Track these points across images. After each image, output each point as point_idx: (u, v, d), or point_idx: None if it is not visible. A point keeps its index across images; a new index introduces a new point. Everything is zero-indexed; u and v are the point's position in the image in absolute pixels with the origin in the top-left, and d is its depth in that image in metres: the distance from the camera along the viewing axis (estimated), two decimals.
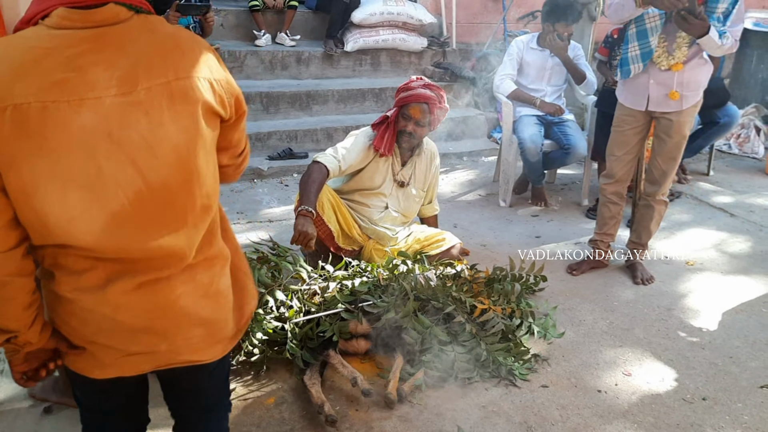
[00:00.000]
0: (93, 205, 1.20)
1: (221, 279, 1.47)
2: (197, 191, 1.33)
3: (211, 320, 1.46)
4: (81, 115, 1.15)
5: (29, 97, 1.12)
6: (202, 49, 1.34)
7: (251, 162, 5.23)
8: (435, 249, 3.50)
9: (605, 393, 2.71)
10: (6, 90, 1.12)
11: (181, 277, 1.38)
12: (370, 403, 2.56)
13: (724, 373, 2.88)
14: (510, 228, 4.50)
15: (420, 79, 3.41)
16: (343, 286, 2.97)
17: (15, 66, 1.14)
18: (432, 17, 6.73)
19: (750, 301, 3.53)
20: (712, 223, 4.66)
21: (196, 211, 1.35)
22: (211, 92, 1.31)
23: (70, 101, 1.14)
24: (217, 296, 1.47)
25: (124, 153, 1.19)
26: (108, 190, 1.20)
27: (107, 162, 1.18)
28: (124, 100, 1.18)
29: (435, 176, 3.69)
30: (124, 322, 1.34)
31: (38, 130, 1.13)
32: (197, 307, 1.42)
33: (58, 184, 1.17)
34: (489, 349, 2.78)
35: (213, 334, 1.48)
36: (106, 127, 1.17)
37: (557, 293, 3.53)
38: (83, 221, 1.20)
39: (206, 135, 1.31)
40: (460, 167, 5.89)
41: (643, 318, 3.33)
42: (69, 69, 1.15)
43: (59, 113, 1.14)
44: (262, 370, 2.72)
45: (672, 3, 2.98)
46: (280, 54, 6.23)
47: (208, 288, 1.44)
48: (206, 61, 1.32)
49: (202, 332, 1.45)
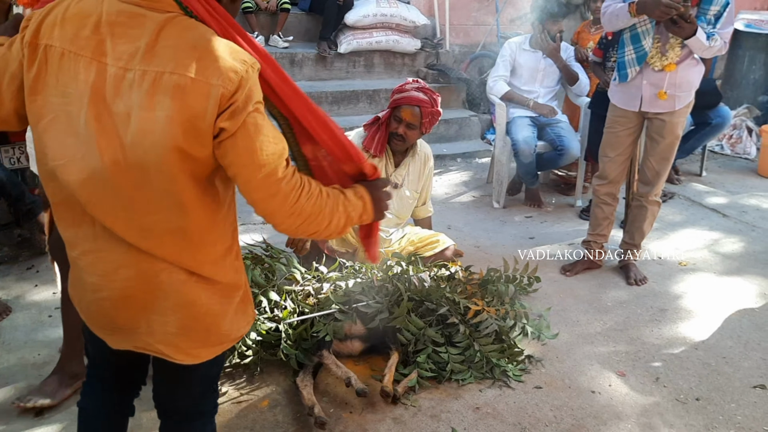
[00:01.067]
0: (79, 155, 1.31)
1: (202, 293, 1.47)
2: (159, 192, 1.33)
3: (196, 311, 1.47)
4: (89, 72, 1.29)
5: (57, 42, 1.31)
6: (223, 55, 1.29)
7: None
8: (429, 251, 3.49)
9: (599, 394, 2.71)
10: (49, 31, 1.33)
11: (161, 259, 1.42)
12: (363, 406, 2.56)
13: (717, 373, 2.88)
14: (504, 229, 4.51)
15: (416, 81, 3.41)
16: (336, 287, 2.96)
17: (64, 13, 1.33)
18: (425, 19, 6.73)
19: (743, 301, 3.54)
20: (704, 223, 4.68)
21: (161, 216, 1.36)
22: (205, 96, 1.27)
23: (85, 57, 1.29)
24: (204, 289, 1.47)
25: (111, 120, 1.29)
26: (92, 147, 1.30)
27: (97, 122, 1.29)
28: (123, 73, 1.27)
29: (429, 178, 3.69)
30: (108, 287, 1.44)
31: (55, 71, 1.31)
32: (178, 290, 1.44)
33: (60, 126, 1.32)
34: (483, 350, 2.78)
35: (192, 332, 1.49)
36: (103, 90, 1.28)
37: (551, 294, 3.53)
38: (71, 168, 1.33)
39: (181, 137, 1.28)
40: (453, 169, 5.89)
41: (637, 319, 3.33)
42: (99, 32, 1.29)
43: (73, 63, 1.30)
44: (255, 372, 2.71)
45: (664, 12, 3.00)
46: (273, 56, 6.18)
47: (189, 285, 1.45)
48: (217, 66, 1.28)
49: (179, 323, 1.46)
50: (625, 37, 3.35)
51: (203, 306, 1.47)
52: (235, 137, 1.31)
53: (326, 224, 1.47)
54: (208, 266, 1.46)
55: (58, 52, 1.31)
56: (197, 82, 1.27)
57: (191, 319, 1.47)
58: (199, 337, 1.51)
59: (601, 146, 3.66)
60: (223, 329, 1.53)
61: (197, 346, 1.52)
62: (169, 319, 1.46)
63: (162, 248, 1.39)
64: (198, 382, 1.63)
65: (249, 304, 1.63)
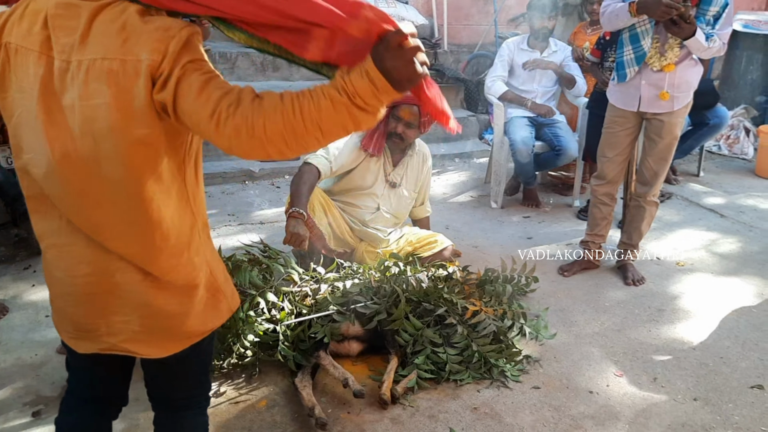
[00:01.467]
0: (39, 149, 1.34)
1: (158, 294, 1.46)
2: (110, 183, 1.33)
3: (155, 311, 1.46)
4: (39, 66, 1.31)
5: (14, 38, 1.34)
6: (150, 29, 1.26)
7: (242, 164, 5.23)
8: (427, 251, 3.49)
9: (597, 394, 2.71)
10: (10, 29, 1.36)
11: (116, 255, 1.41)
12: (362, 406, 2.55)
13: (715, 373, 2.89)
14: (502, 229, 4.51)
15: None
16: (334, 288, 2.96)
17: (23, 11, 1.36)
18: (423, 19, 6.73)
19: (740, 301, 3.55)
20: (702, 223, 4.68)
21: (112, 210, 1.36)
22: (136, 74, 1.25)
23: (34, 51, 1.31)
24: (160, 290, 1.45)
25: (62, 113, 1.30)
26: (43, 140, 1.32)
27: (46, 115, 1.31)
28: (66, 66, 1.29)
29: (427, 177, 3.69)
30: (69, 283, 1.44)
31: (14, 67, 1.34)
32: (134, 291, 1.43)
33: (24, 121, 1.35)
34: (481, 351, 2.78)
35: (155, 330, 1.48)
36: (52, 84, 1.30)
37: (549, 294, 3.53)
38: (36, 162, 1.36)
39: (123, 122, 1.27)
40: (451, 169, 5.89)
41: (635, 319, 3.34)
42: (47, 27, 1.31)
43: (26, 59, 1.32)
44: (254, 373, 2.71)
45: (665, 12, 3.00)
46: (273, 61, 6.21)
47: (150, 278, 1.44)
48: (143, 41, 1.25)
49: (141, 321, 1.46)
50: (624, 37, 3.35)
51: (160, 307, 1.46)
52: (177, 101, 1.25)
53: (317, 131, 1.21)
54: (160, 265, 1.42)
55: (14, 49, 1.34)
56: (126, 63, 1.25)
57: (151, 319, 1.46)
58: (164, 335, 1.50)
59: (599, 146, 3.66)
60: (187, 327, 1.51)
61: (163, 341, 1.51)
62: (131, 317, 1.46)
63: (114, 243, 1.39)
64: (185, 372, 1.63)
65: (222, 297, 1.58)
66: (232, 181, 5.04)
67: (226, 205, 4.64)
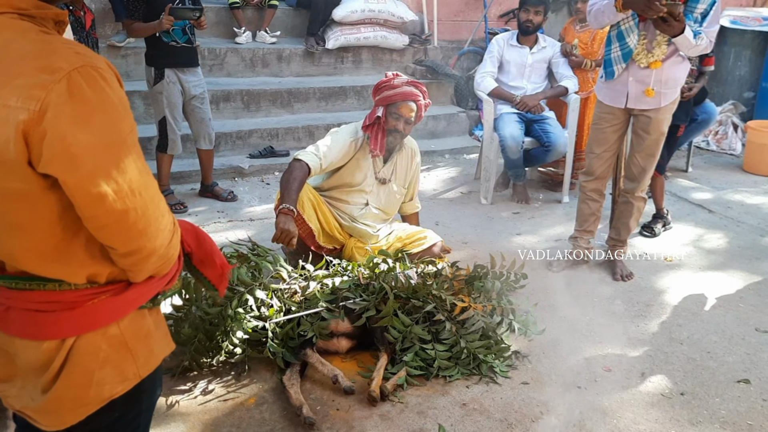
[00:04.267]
0: None
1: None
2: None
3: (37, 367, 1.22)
4: None
5: None
6: (30, 64, 1.02)
7: (232, 160, 5.22)
8: (416, 247, 3.50)
9: (585, 389, 2.73)
10: None
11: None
12: (351, 403, 2.55)
13: (702, 368, 2.91)
14: (491, 225, 4.52)
15: (397, 75, 3.42)
16: (323, 285, 2.96)
17: None
18: (413, 15, 6.73)
19: (727, 297, 3.57)
20: (690, 219, 4.71)
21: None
22: (2, 123, 1.01)
23: None
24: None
25: None
26: None
27: None
28: None
29: (416, 173, 3.70)
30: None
31: None
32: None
33: None
34: (469, 347, 2.79)
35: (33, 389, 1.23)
36: None
37: (538, 290, 3.54)
38: None
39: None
40: (441, 165, 5.89)
41: (623, 314, 3.35)
42: None
43: None
44: (243, 372, 2.70)
45: (647, 7, 3.01)
46: (260, 51, 6.19)
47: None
48: (17, 82, 1.01)
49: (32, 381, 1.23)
50: (612, 35, 3.36)
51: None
52: (71, 185, 1.04)
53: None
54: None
55: None
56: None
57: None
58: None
59: (587, 143, 3.67)
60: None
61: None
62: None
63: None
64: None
65: (127, 357, 1.27)
66: (221, 177, 5.02)
67: (216, 202, 4.62)
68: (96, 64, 1.05)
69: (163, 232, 1.18)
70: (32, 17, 1.09)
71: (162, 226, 1.17)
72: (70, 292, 1.19)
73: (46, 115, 0.99)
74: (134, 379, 1.28)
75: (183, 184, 4.90)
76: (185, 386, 2.60)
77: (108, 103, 1.05)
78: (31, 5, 1.09)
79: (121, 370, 1.26)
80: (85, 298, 1.20)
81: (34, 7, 1.10)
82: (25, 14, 1.08)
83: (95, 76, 1.04)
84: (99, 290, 1.21)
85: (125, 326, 1.26)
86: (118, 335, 1.25)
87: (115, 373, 1.25)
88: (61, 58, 1.02)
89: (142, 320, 1.30)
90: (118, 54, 5.40)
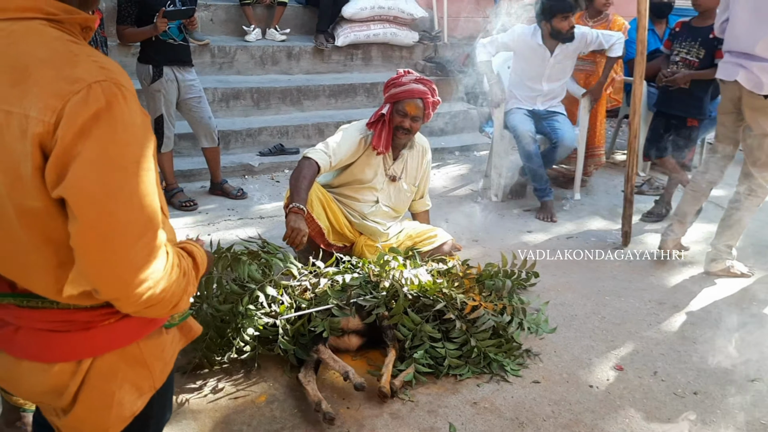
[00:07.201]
0: None
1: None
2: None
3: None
4: None
5: None
6: (50, 73, 0.99)
7: (242, 158, 5.22)
8: (427, 245, 3.49)
9: (597, 388, 2.71)
10: None
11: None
12: (361, 401, 2.55)
13: (715, 367, 2.88)
14: (502, 223, 4.50)
15: (408, 72, 3.40)
16: (333, 282, 2.95)
17: None
18: (423, 11, 6.71)
19: (740, 294, 3.54)
20: (703, 216, 4.65)
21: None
22: (22, 134, 0.99)
23: None
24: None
25: None
26: None
27: None
28: None
29: (426, 171, 3.68)
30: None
31: None
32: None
33: None
34: (480, 346, 2.78)
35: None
36: None
37: (549, 288, 3.52)
38: None
39: (8, 187, 1.02)
40: (452, 162, 5.88)
41: (635, 312, 3.33)
42: None
43: None
44: (253, 369, 2.70)
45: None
46: (270, 49, 6.19)
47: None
48: (37, 90, 0.98)
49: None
50: None
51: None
52: (71, 201, 0.98)
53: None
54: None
55: None
56: (12, 116, 0.98)
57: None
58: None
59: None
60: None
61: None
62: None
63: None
64: None
65: (145, 373, 1.24)
66: (231, 175, 5.02)
67: (226, 200, 4.63)
68: (119, 81, 1.01)
69: (157, 278, 1.07)
70: (60, 22, 1.06)
71: (153, 273, 1.06)
72: (85, 312, 1.14)
73: (59, 125, 0.96)
74: (150, 392, 1.26)
75: (193, 181, 4.91)
76: (195, 384, 2.61)
77: (120, 122, 1.00)
78: (60, 10, 1.06)
79: (138, 386, 1.23)
80: (100, 318, 1.15)
81: (63, 12, 1.07)
82: (54, 20, 1.06)
83: (116, 92, 1.00)
84: (115, 310, 1.14)
85: (144, 344, 1.22)
86: (137, 354, 1.21)
87: (133, 390, 1.22)
88: (84, 70, 0.99)
89: (160, 337, 1.26)
90: (129, 53, 5.41)
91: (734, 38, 3.44)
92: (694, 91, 4.37)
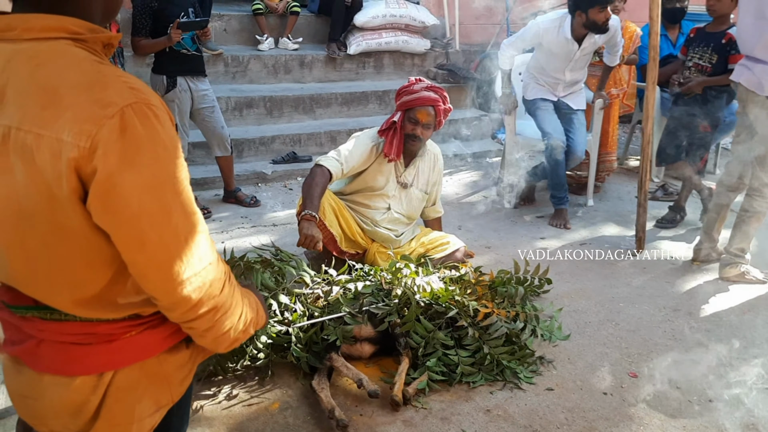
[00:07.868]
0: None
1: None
2: (20, 270, 1.11)
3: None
4: None
5: None
6: (82, 97, 0.98)
7: (255, 166, 5.26)
8: (439, 252, 3.49)
9: (611, 395, 2.69)
10: None
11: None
12: (374, 408, 2.55)
13: (731, 374, 2.85)
14: (515, 229, 4.49)
15: (420, 80, 3.41)
16: (346, 289, 2.96)
17: None
18: (435, 19, 6.73)
19: (756, 300, 3.51)
20: None
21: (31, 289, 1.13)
22: (55, 157, 0.98)
23: None
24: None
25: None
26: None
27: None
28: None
29: (438, 177, 3.69)
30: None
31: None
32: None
33: None
34: (493, 353, 2.77)
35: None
36: None
37: (562, 295, 3.51)
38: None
39: (45, 207, 1.02)
40: (464, 169, 5.88)
41: (649, 319, 3.31)
42: None
43: None
44: (267, 376, 2.72)
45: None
46: (283, 58, 6.24)
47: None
48: (70, 114, 0.97)
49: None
50: None
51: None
52: (113, 226, 1.01)
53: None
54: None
55: None
56: (43, 139, 0.98)
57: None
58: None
59: None
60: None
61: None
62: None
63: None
64: None
65: (164, 386, 1.23)
66: (244, 183, 5.06)
67: (239, 208, 4.66)
68: (150, 101, 1.02)
69: (212, 281, 1.12)
70: (85, 41, 1.07)
71: (208, 275, 1.11)
72: (107, 324, 1.14)
73: (96, 152, 0.96)
74: (168, 405, 1.25)
75: (207, 190, 4.95)
76: (210, 391, 2.63)
77: (159, 143, 1.02)
78: (85, 29, 1.07)
79: (157, 400, 1.22)
80: (122, 330, 1.15)
81: (88, 31, 1.07)
82: (78, 39, 1.06)
83: (148, 114, 1.01)
84: (137, 322, 1.16)
85: (165, 357, 1.21)
86: (157, 368, 1.20)
87: (151, 403, 1.21)
88: (115, 93, 0.99)
89: (181, 350, 1.25)
90: (143, 63, 5.47)
91: (741, 41, 3.55)
92: (707, 96, 4.35)
